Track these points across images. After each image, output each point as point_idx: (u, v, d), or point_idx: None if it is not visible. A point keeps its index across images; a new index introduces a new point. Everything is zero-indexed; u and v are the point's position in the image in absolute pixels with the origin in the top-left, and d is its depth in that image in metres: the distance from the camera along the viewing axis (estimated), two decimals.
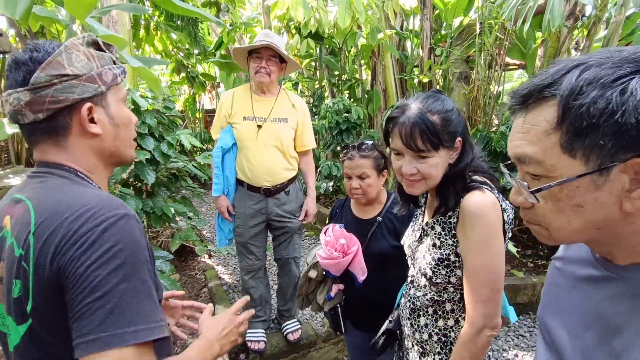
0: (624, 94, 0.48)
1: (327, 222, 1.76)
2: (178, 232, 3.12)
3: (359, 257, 1.53)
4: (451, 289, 1.13)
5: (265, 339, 2.40)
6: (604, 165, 0.51)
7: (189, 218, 3.18)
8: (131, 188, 2.64)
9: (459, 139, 1.07)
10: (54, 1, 1.39)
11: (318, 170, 4.61)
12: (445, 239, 1.10)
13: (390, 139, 1.11)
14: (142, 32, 5.83)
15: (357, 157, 1.57)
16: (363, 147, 1.59)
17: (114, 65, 0.83)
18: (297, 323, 2.55)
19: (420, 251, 1.18)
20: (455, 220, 1.07)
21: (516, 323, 3.06)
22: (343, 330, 1.73)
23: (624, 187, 0.52)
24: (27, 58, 0.74)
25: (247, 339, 2.39)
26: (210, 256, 3.78)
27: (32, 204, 0.73)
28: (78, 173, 0.81)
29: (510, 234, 1.09)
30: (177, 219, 3.48)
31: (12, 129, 1.81)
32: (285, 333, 2.48)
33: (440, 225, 1.12)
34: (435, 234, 1.13)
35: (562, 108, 0.52)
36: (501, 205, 1.02)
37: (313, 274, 1.66)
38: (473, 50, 4.64)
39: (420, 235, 1.20)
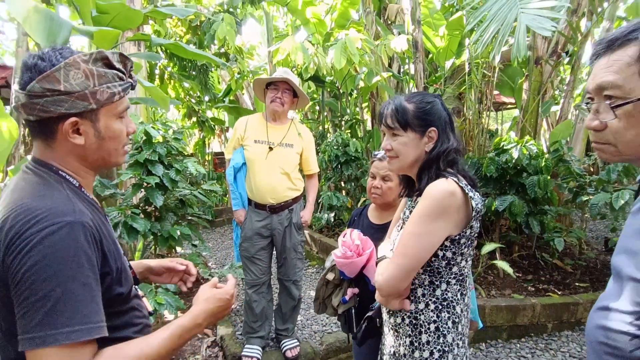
0: None
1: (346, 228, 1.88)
2: (184, 257, 3.25)
3: (373, 260, 1.59)
4: (420, 271, 1.20)
5: (259, 356, 2.46)
6: None
7: (194, 245, 3.33)
8: (141, 213, 2.84)
9: (432, 128, 1.19)
10: (85, 35, 1.67)
11: (319, 202, 4.78)
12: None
13: None
14: (157, 81, 6.32)
15: (387, 160, 1.73)
16: None
17: (115, 83, 0.87)
18: (296, 341, 2.61)
19: (397, 238, 1.28)
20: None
21: (518, 345, 3.04)
22: (355, 331, 1.75)
23: None
24: (32, 65, 0.81)
25: (243, 353, 2.46)
26: None
27: (7, 200, 0.82)
28: (59, 172, 0.88)
29: (478, 224, 1.20)
30: (184, 247, 3.63)
31: None
32: (283, 350, 2.54)
33: (409, 209, 1.26)
34: (405, 217, 1.26)
35: None
36: (469, 195, 1.13)
37: (330, 276, 1.75)
38: (463, 88, 4.95)
39: (402, 226, 1.31)
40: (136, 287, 1.08)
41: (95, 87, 0.84)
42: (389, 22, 6.53)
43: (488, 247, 3.17)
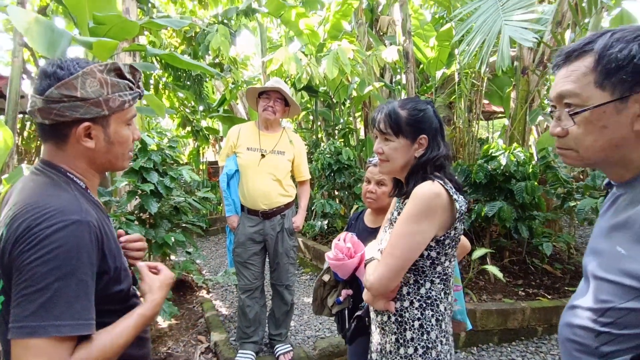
0: None
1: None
2: (177, 264, 3.27)
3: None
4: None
5: None
6: (624, 94, 0.74)
7: (188, 253, 3.35)
8: (135, 220, 2.86)
9: (423, 136, 1.23)
10: (84, 46, 1.72)
11: (313, 209, 4.82)
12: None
13: None
14: (152, 91, 6.38)
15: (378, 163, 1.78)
16: None
17: (126, 92, 0.94)
18: (289, 346, 2.63)
19: (385, 238, 1.34)
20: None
21: (509, 348, 3.08)
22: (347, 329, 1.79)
23: (636, 112, 0.74)
24: (52, 72, 0.87)
25: (236, 358, 2.48)
26: (208, 292, 3.89)
27: (16, 198, 0.87)
28: (67, 174, 0.93)
29: (462, 226, 1.25)
30: (178, 254, 3.65)
31: None
32: (277, 354, 2.56)
33: (397, 210, 1.31)
34: (393, 218, 1.31)
35: (598, 56, 0.75)
36: (453, 197, 1.18)
37: (326, 277, 1.79)
38: (454, 97, 5.06)
39: (390, 228, 1.34)
40: (134, 287, 1.12)
41: (108, 95, 0.90)
42: (381, 34, 6.68)
43: (479, 252, 3.23)
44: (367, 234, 1.77)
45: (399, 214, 1.27)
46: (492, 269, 3.21)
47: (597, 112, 0.76)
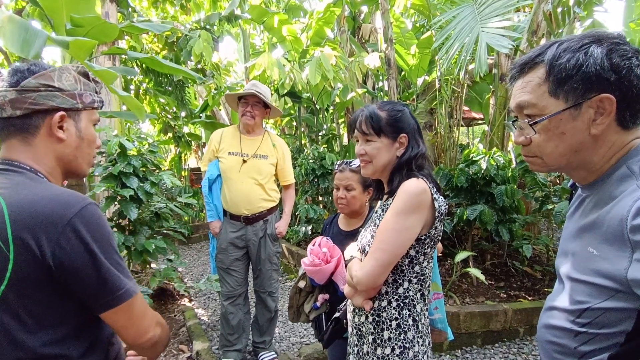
0: (587, 55, 0.75)
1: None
2: (158, 272, 3.20)
3: (341, 267, 1.64)
4: None
5: None
6: (577, 102, 0.77)
7: (170, 260, 3.28)
8: (114, 227, 2.79)
9: (403, 135, 1.28)
10: (60, 45, 1.68)
11: (297, 215, 4.80)
12: (382, 219, 1.26)
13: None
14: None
15: (347, 170, 1.76)
16: (354, 163, 1.79)
17: (94, 94, 0.99)
18: (274, 353, 2.60)
19: (364, 236, 1.34)
20: (392, 201, 1.23)
21: (492, 350, 3.11)
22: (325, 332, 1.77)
23: (590, 117, 0.77)
24: (25, 69, 0.89)
25: None
26: (190, 300, 3.81)
27: (2, 197, 0.79)
28: (37, 173, 0.88)
29: (441, 226, 1.27)
30: (159, 262, 3.57)
31: None
32: None
33: (381, 208, 1.32)
34: (377, 216, 1.31)
35: (549, 67, 0.79)
36: (434, 196, 1.20)
37: (302, 284, 1.78)
38: (435, 103, 5.15)
39: (370, 225, 1.35)
40: None
41: (81, 91, 0.94)
42: (363, 41, 6.77)
43: (461, 255, 3.26)
44: (342, 237, 1.78)
45: (383, 211, 1.27)
46: (475, 272, 3.24)
47: (554, 120, 0.79)
